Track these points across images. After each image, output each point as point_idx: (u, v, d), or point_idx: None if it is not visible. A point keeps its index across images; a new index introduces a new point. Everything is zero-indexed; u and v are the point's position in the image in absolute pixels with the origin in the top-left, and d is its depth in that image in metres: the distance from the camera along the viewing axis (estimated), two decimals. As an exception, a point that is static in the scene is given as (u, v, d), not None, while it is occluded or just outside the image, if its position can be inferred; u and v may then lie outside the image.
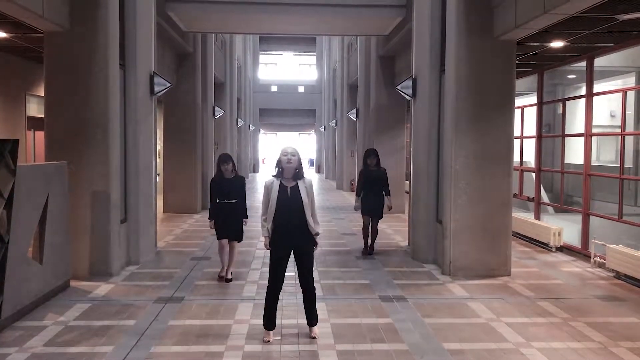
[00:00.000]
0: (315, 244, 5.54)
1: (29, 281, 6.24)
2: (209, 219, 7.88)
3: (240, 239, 7.87)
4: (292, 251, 5.47)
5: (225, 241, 7.75)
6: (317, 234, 5.51)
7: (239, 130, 28.16)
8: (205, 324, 5.89)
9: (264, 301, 5.76)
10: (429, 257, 9.11)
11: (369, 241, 9.77)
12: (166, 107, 15.62)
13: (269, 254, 5.52)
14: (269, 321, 5.49)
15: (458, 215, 8.12)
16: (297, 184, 5.41)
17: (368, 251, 9.67)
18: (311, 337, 5.51)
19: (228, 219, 7.65)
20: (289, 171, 5.38)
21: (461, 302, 6.86)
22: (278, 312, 5.65)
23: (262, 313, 5.60)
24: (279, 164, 5.42)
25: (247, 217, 7.85)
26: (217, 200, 7.68)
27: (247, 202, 7.86)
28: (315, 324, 5.62)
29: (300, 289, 5.61)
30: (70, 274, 7.37)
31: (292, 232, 5.37)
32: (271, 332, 5.46)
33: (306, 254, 5.48)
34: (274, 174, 5.48)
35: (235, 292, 7.20)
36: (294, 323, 5.89)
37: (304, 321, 5.70)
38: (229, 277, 7.72)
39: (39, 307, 6.41)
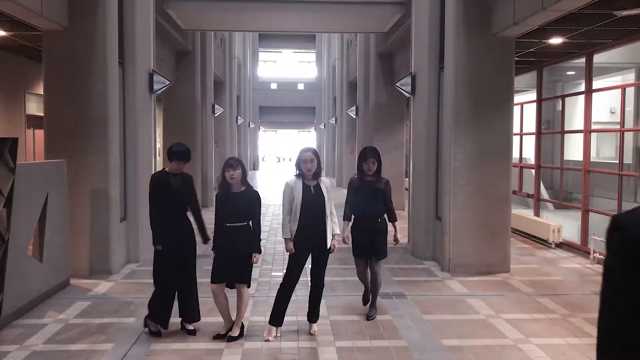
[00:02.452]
0: (335, 246, 5.52)
1: (29, 279, 6.25)
2: (212, 250, 5.40)
3: (249, 282, 5.47)
4: (312, 250, 5.45)
5: (220, 287, 5.36)
6: (337, 234, 5.52)
7: (238, 128, 28.15)
8: (205, 322, 5.87)
9: (263, 298, 5.79)
10: (428, 254, 9.12)
11: (369, 293, 6.23)
12: (165, 105, 15.62)
13: (267, 249, 5.50)
14: (278, 318, 5.48)
15: (457, 212, 8.13)
16: (317, 182, 5.44)
17: (369, 313, 6.07)
18: (311, 334, 5.52)
19: (231, 252, 5.26)
20: (309, 174, 5.40)
21: (460, 299, 6.87)
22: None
23: (262, 310, 5.61)
24: (299, 167, 5.41)
25: (260, 251, 5.46)
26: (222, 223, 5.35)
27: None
28: (316, 321, 5.63)
29: (307, 285, 5.61)
30: (70, 272, 7.38)
31: (315, 231, 5.36)
32: (274, 329, 5.47)
33: (325, 252, 5.46)
34: (295, 173, 5.46)
35: (234, 290, 7.19)
36: (293, 320, 5.90)
37: (304, 318, 5.72)
38: (236, 334, 5.40)
39: (39, 305, 6.42)
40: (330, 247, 5.46)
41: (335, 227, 5.51)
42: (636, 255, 1.32)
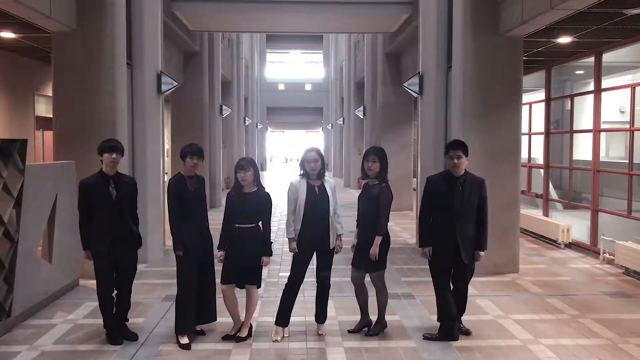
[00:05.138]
0: (339, 246, 5.50)
1: (38, 280, 6.28)
2: (217, 248, 5.45)
3: (259, 283, 5.48)
4: (316, 250, 5.44)
5: (230, 288, 5.39)
6: (340, 235, 5.50)
7: (246, 129, 28.21)
8: (213, 322, 5.89)
9: (271, 299, 5.75)
10: (437, 255, 9.06)
11: (364, 318, 5.73)
12: (173, 106, 15.67)
13: (276, 250, 5.48)
14: (284, 318, 5.48)
15: (465, 212, 8.08)
16: (322, 182, 5.42)
17: (372, 329, 5.64)
18: (319, 335, 5.52)
19: (240, 253, 5.28)
20: (314, 173, 5.39)
21: (469, 299, 6.76)
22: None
23: (270, 311, 5.60)
24: (303, 167, 5.41)
25: (270, 253, 5.49)
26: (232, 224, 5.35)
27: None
28: (324, 322, 5.63)
29: (315, 286, 5.61)
30: (80, 273, 7.41)
31: (319, 231, 5.35)
32: (281, 329, 5.47)
33: (329, 252, 5.45)
34: (300, 173, 5.45)
35: (242, 291, 7.20)
36: (301, 320, 5.90)
37: (311, 319, 5.71)
38: (244, 334, 5.44)
39: (48, 306, 6.46)
40: (334, 248, 5.44)
41: (339, 228, 5.47)
42: (430, 189, 5.54)
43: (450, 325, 5.44)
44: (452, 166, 5.39)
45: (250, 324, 5.54)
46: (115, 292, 5.47)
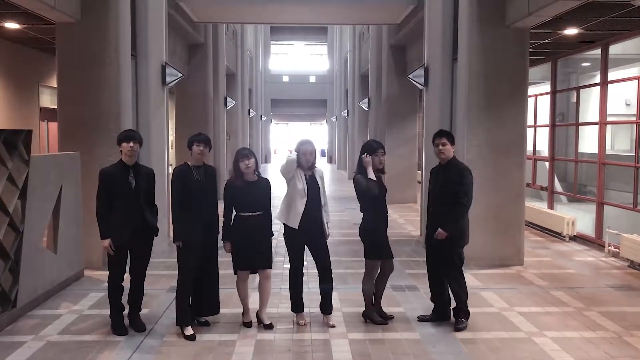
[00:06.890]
0: (327, 234, 5.59)
1: (43, 271, 6.31)
2: (222, 239, 5.47)
3: (270, 265, 5.55)
4: (309, 237, 5.46)
5: (245, 274, 5.53)
6: (327, 222, 5.58)
7: (250, 121, 28.18)
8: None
9: (275, 290, 5.75)
10: (441, 247, 9.05)
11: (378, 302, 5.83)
12: (178, 97, 15.66)
13: (279, 242, 5.49)
14: (298, 304, 5.61)
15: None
16: (313, 172, 5.52)
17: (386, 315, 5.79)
18: (330, 326, 5.52)
19: (251, 240, 5.36)
20: (308, 165, 5.47)
21: (474, 292, 6.82)
22: (287, 301, 5.75)
23: (274, 302, 5.65)
24: (297, 158, 5.43)
25: (272, 234, 5.63)
26: (235, 213, 5.42)
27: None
28: (331, 313, 5.63)
29: (316, 276, 5.64)
30: (84, 264, 7.43)
31: (311, 219, 5.40)
32: (301, 314, 5.60)
33: (322, 235, 5.53)
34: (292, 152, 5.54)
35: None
36: (305, 312, 5.88)
37: (316, 310, 5.72)
38: (267, 321, 5.51)
39: (53, 296, 6.48)
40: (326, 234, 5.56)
41: (327, 216, 5.58)
42: (428, 177, 5.74)
43: (440, 308, 5.77)
44: (437, 153, 5.69)
45: (257, 314, 5.58)
46: (130, 279, 5.54)
